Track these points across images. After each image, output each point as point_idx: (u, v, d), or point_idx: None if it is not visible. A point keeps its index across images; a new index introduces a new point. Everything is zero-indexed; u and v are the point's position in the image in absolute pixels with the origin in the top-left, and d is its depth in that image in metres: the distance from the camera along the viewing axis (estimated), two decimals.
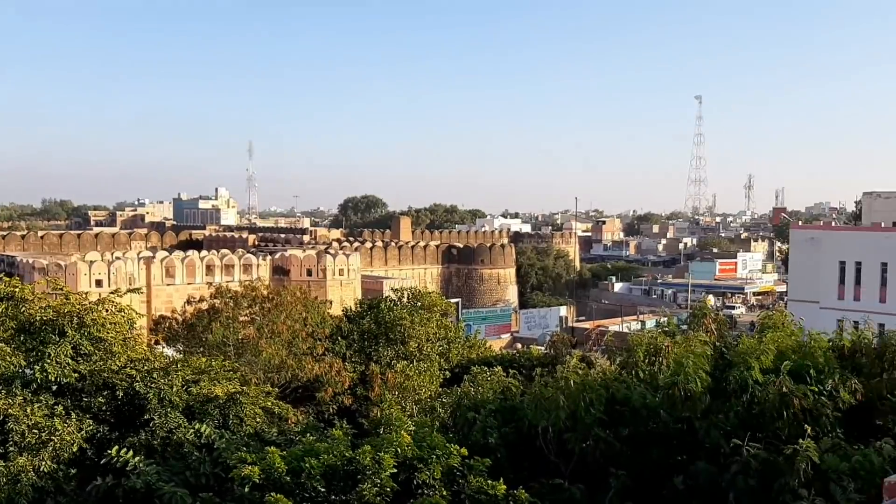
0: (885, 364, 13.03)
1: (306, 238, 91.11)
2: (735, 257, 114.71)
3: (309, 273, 60.20)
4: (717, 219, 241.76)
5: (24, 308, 14.05)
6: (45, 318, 13.51)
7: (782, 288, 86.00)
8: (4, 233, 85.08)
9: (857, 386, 11.60)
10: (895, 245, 48.05)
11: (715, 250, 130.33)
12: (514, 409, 10.82)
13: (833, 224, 74.03)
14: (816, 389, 10.62)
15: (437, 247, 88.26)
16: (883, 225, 51.39)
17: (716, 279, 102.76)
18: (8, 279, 15.07)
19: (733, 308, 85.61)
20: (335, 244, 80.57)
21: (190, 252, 63.19)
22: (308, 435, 11.61)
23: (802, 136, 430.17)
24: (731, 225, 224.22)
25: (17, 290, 14.51)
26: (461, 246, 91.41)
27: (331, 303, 32.19)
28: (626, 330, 53.10)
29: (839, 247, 51.18)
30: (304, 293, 27.90)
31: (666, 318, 20.37)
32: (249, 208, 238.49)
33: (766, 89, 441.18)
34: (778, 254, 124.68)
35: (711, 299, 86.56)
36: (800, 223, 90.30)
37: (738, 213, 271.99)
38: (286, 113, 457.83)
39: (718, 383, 10.77)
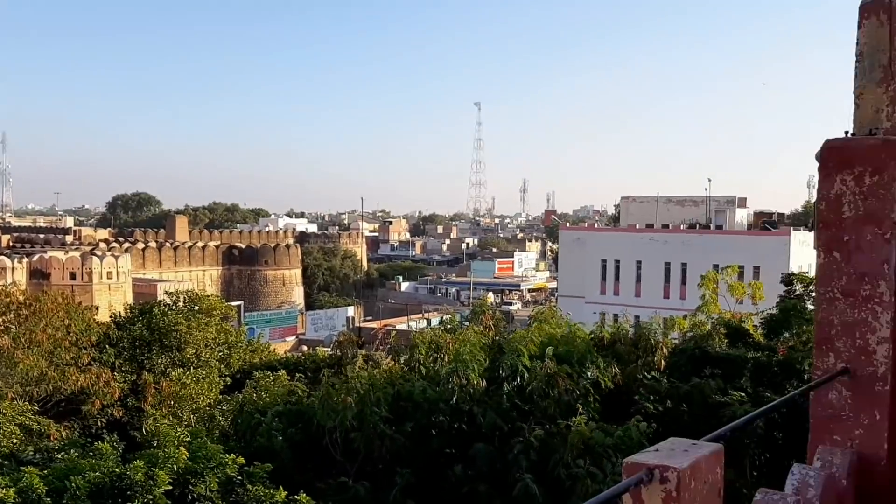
0: (640, 351, 14.55)
1: (69, 238, 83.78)
2: (512, 256, 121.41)
3: (73, 276, 55.42)
4: (496, 220, 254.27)
5: None
6: None
7: (553, 285, 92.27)
8: None
9: (615, 370, 12.89)
10: (648, 244, 53.36)
11: (494, 250, 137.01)
12: (302, 411, 10.72)
13: (596, 226, 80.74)
14: (578, 371, 11.66)
15: (218, 247, 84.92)
16: (637, 226, 56.82)
17: (495, 277, 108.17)
18: None
19: (511, 304, 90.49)
20: (102, 245, 74.80)
21: None
22: (71, 451, 10.81)
23: (570, 143, 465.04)
24: (509, 226, 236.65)
25: None
26: (243, 246, 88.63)
27: (97, 308, 29.81)
28: (412, 328, 54.31)
29: (601, 246, 55.95)
30: (67, 298, 25.64)
31: (449, 316, 21.16)
32: (3, 206, 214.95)
33: (538, 98, 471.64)
34: (549, 253, 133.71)
35: (491, 296, 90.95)
36: (568, 225, 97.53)
37: (515, 214, 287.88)
38: (45, 103, 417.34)
39: (494, 371, 11.42)
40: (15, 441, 12.55)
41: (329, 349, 38.63)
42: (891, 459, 3.37)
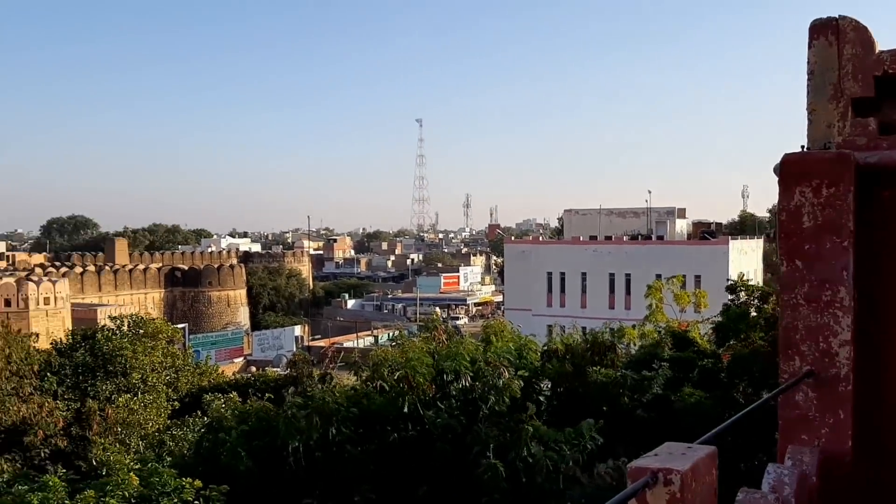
0: (595, 357, 14.90)
1: (2, 264, 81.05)
2: (457, 271, 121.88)
3: (7, 303, 53.70)
4: (440, 235, 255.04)
5: None
6: None
7: (500, 298, 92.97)
8: None
9: (568, 368, 13.28)
10: (592, 256, 54.28)
11: (439, 265, 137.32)
12: (268, 429, 10.62)
13: (540, 239, 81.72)
14: (533, 380, 12.04)
15: (159, 269, 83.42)
16: (581, 238, 57.75)
17: (441, 292, 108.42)
18: None
19: (458, 318, 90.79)
20: (38, 270, 72.60)
21: None
22: (18, 486, 10.50)
23: (511, 157, 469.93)
24: (453, 241, 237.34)
25: None
26: (186, 268, 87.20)
27: (37, 336, 28.86)
28: (361, 345, 54.08)
29: (546, 259, 56.67)
30: (6, 326, 24.84)
31: (397, 332, 21.20)
32: None
33: (478, 113, 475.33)
34: (494, 267, 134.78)
35: (438, 311, 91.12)
36: (512, 238, 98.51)
37: (459, 229, 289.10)
38: None
39: (439, 377, 11.65)
40: None
41: (279, 369, 38.30)
42: (854, 456, 3.56)
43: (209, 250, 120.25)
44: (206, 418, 18.05)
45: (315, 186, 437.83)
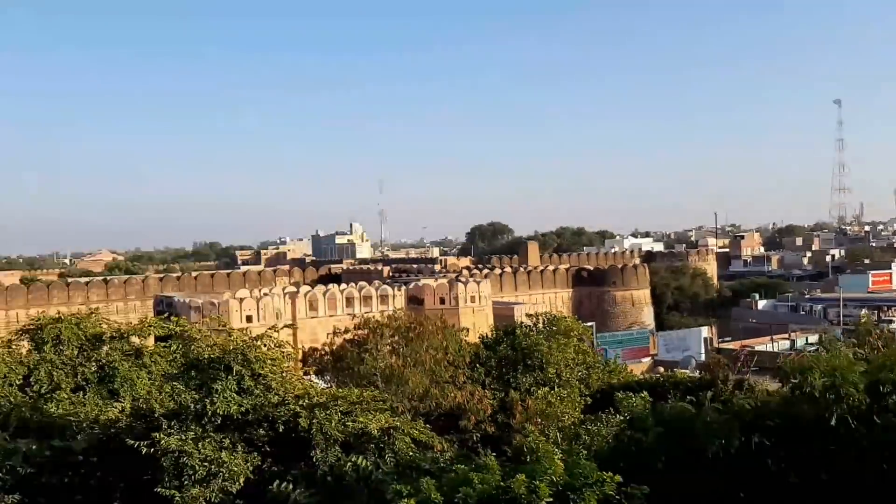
0: None
1: (437, 267, 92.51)
2: (889, 268, 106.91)
3: (442, 301, 61.20)
4: (867, 228, 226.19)
5: (193, 346, 15.08)
6: (212, 356, 14.43)
7: None
8: (161, 275, 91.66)
9: None
10: None
11: (866, 261, 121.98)
12: (685, 432, 10.54)
13: None
14: None
15: (567, 270, 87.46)
16: None
17: (869, 291, 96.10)
18: (177, 319, 16.22)
19: (892, 322, 79.60)
20: (465, 272, 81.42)
21: (330, 286, 65.96)
22: (459, 464, 11.72)
23: None
24: (882, 234, 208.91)
25: (186, 329, 15.58)
26: (591, 268, 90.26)
27: (468, 330, 32.43)
28: (776, 350, 50.50)
29: None
30: (444, 322, 28.32)
31: (817, 336, 19.35)
32: (382, 241, 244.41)
33: None
34: None
35: (866, 313, 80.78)
36: None
37: (889, 220, 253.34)
38: (410, 144, 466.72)
39: (874, 387, 10.36)
40: (411, 455, 13.97)
41: (688, 371, 37.65)
42: None
43: (612, 251, 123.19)
44: (618, 416, 18.51)
45: (720, 181, 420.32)
